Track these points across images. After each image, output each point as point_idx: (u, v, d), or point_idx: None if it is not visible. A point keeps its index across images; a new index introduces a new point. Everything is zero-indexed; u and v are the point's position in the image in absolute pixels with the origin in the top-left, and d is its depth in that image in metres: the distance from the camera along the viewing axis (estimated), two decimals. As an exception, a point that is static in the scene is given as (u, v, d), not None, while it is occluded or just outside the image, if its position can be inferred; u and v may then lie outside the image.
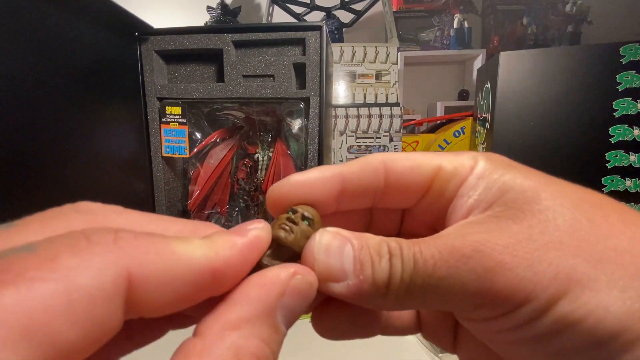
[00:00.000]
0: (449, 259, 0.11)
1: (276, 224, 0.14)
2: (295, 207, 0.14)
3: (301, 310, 0.12)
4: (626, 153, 0.55)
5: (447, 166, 0.14)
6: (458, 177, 0.14)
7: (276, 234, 0.13)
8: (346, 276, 0.12)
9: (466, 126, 0.82)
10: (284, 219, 0.14)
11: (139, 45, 0.50)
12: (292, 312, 0.11)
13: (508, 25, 1.18)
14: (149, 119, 0.52)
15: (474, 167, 0.14)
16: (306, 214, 0.14)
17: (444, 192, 0.14)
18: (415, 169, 0.15)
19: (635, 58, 0.53)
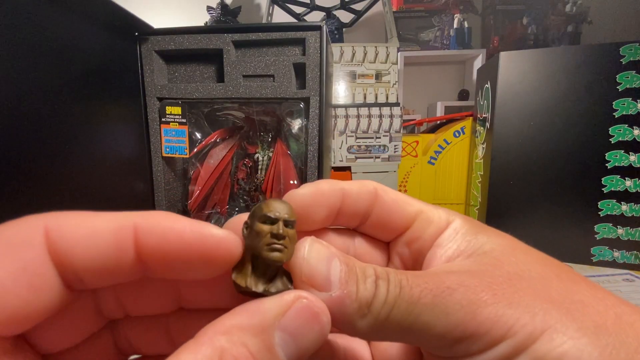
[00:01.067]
0: (434, 289, 0.12)
1: (260, 242, 0.12)
2: (271, 215, 0.13)
3: (307, 342, 0.11)
4: (626, 153, 0.55)
5: (428, 213, 0.16)
6: (435, 227, 0.15)
7: (270, 257, 0.12)
8: (330, 287, 0.12)
9: (466, 126, 0.82)
10: (267, 236, 0.12)
11: (139, 45, 0.50)
12: (295, 340, 0.11)
13: (508, 25, 1.18)
14: (149, 119, 0.52)
15: (451, 222, 0.15)
16: (287, 218, 0.13)
17: (422, 235, 0.15)
18: (402, 205, 0.16)
19: (635, 58, 0.53)
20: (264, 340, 0.10)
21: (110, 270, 0.11)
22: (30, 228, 0.10)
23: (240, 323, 0.10)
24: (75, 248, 0.10)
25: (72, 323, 0.13)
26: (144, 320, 0.14)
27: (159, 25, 0.50)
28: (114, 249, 0.11)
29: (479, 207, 0.71)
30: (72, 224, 0.11)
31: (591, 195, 0.56)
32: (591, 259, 0.57)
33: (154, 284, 0.14)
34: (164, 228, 0.11)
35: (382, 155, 0.79)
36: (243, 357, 0.10)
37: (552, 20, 1.17)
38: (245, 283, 0.12)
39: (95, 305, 0.13)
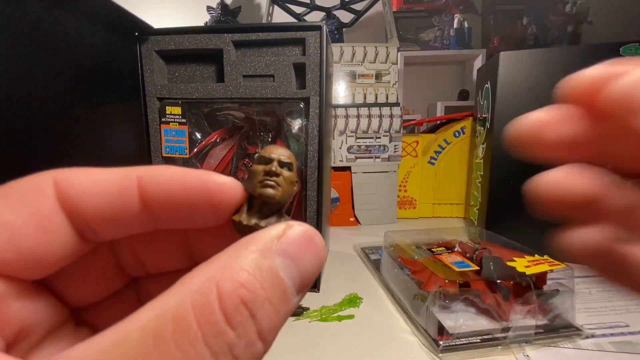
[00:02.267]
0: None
1: (254, 180, 0.13)
2: (267, 155, 0.13)
3: (307, 264, 0.11)
4: (626, 153, 0.55)
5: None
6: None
7: (262, 192, 0.12)
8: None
9: (466, 126, 0.82)
10: (261, 174, 0.13)
11: (139, 45, 0.50)
12: (296, 264, 0.10)
13: (508, 25, 1.18)
14: (149, 119, 0.52)
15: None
16: (283, 159, 0.13)
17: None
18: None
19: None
20: (265, 264, 0.10)
21: (118, 218, 0.11)
22: (40, 180, 0.11)
23: (237, 252, 0.10)
24: (83, 197, 0.11)
25: (95, 277, 0.13)
26: (164, 277, 0.15)
27: (159, 25, 0.50)
28: (120, 197, 0.11)
29: (479, 207, 0.71)
30: (79, 176, 0.11)
31: (591, 195, 0.56)
32: (591, 259, 0.57)
33: (166, 238, 0.14)
34: (165, 176, 0.12)
35: (382, 155, 0.79)
36: (246, 281, 0.09)
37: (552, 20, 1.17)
38: (240, 218, 0.12)
39: (116, 260, 0.14)
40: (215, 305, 0.09)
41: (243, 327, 0.09)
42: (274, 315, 0.09)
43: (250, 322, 0.09)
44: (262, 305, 0.09)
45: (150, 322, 0.08)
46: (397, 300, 0.45)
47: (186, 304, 0.08)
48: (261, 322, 0.09)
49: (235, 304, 0.09)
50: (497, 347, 0.35)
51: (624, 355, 0.34)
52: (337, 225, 0.82)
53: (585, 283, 0.50)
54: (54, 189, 0.11)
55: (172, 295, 0.09)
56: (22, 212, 0.10)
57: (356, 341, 0.38)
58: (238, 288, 0.09)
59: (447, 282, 0.37)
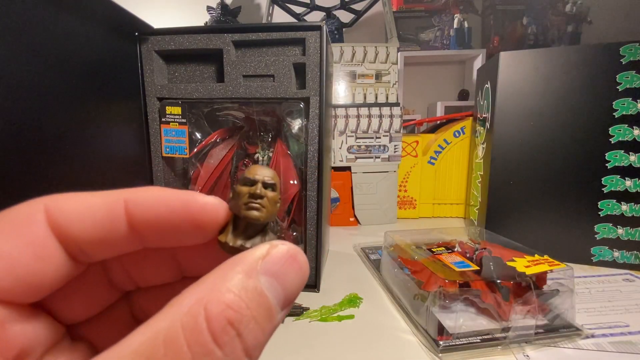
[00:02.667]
0: None
1: (239, 202, 0.13)
2: (251, 177, 0.13)
3: (291, 282, 0.11)
4: (626, 153, 0.55)
5: None
6: None
7: (247, 214, 0.13)
8: None
9: (466, 126, 0.82)
10: (246, 196, 0.13)
11: (139, 45, 0.50)
12: (280, 282, 0.11)
13: (508, 25, 1.18)
14: (149, 119, 0.52)
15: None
16: (267, 180, 0.13)
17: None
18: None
19: (635, 58, 0.53)
20: (250, 284, 0.10)
21: (107, 240, 0.12)
22: (32, 208, 0.11)
23: (224, 274, 0.10)
24: (73, 222, 0.11)
25: (88, 294, 0.14)
26: (154, 290, 0.15)
27: (159, 25, 0.50)
28: (108, 221, 0.12)
29: (479, 207, 0.71)
30: (68, 202, 0.12)
31: (591, 195, 0.56)
32: (591, 259, 0.57)
33: (155, 255, 0.14)
34: (151, 198, 0.12)
35: (382, 155, 0.79)
36: (232, 302, 0.10)
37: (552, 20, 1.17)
38: (225, 239, 0.13)
39: (107, 277, 0.14)
40: (204, 326, 0.09)
41: (230, 346, 0.09)
42: (260, 333, 0.10)
43: (237, 341, 0.09)
44: (247, 324, 0.10)
45: (143, 345, 0.09)
46: (397, 300, 0.45)
47: (176, 326, 0.09)
48: (247, 340, 0.10)
49: (222, 325, 0.09)
50: (497, 347, 0.35)
51: (624, 355, 0.34)
52: (337, 225, 0.82)
53: (585, 283, 0.50)
54: (45, 217, 0.11)
55: (162, 317, 0.09)
56: (17, 242, 0.11)
57: (356, 341, 0.38)
58: (225, 309, 0.09)
59: (447, 282, 0.37)
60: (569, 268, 0.39)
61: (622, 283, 0.50)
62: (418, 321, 0.39)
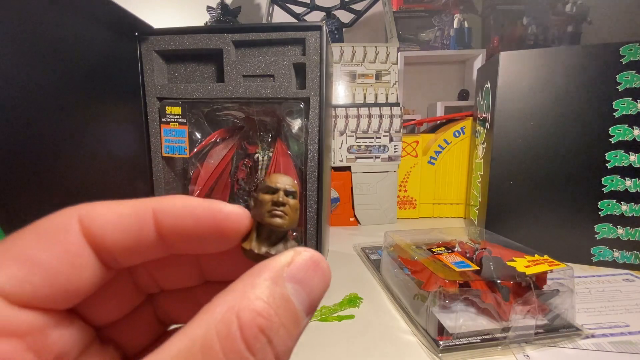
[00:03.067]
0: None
1: (262, 209, 0.14)
2: (273, 185, 0.14)
3: (315, 288, 0.12)
4: (626, 153, 0.54)
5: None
6: None
7: (272, 222, 0.13)
8: None
9: (466, 126, 0.82)
10: (269, 204, 0.14)
11: (139, 45, 0.50)
12: (305, 288, 0.11)
13: (508, 25, 1.18)
14: (149, 119, 0.52)
15: None
16: (289, 188, 0.14)
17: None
18: None
19: (635, 58, 0.53)
20: (277, 292, 0.11)
21: (136, 248, 0.13)
22: (66, 217, 0.12)
23: (252, 282, 0.11)
24: (106, 231, 0.12)
25: (116, 298, 0.15)
26: (177, 293, 0.16)
27: (159, 25, 0.50)
28: (137, 229, 0.12)
29: (479, 207, 0.71)
30: (100, 211, 0.12)
31: (591, 195, 0.56)
32: (591, 259, 0.57)
33: (179, 260, 0.15)
34: (178, 207, 0.13)
35: (382, 155, 0.79)
36: (262, 310, 0.10)
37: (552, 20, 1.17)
38: (250, 246, 0.13)
39: (133, 282, 0.15)
40: (237, 334, 0.10)
41: (262, 352, 0.10)
42: (288, 338, 0.10)
43: (268, 348, 0.10)
44: (277, 331, 0.10)
45: (182, 352, 0.09)
46: (397, 300, 0.45)
47: (212, 334, 0.10)
48: (277, 347, 0.10)
49: (254, 332, 0.10)
50: (497, 347, 0.35)
51: (624, 355, 0.34)
52: (337, 225, 0.82)
53: (585, 283, 0.50)
54: (79, 226, 0.12)
55: (197, 325, 0.10)
56: (54, 251, 0.11)
57: (356, 341, 0.38)
58: (256, 317, 0.10)
59: (447, 282, 0.37)
60: (569, 268, 0.39)
61: (622, 283, 0.50)
62: (418, 321, 0.39)
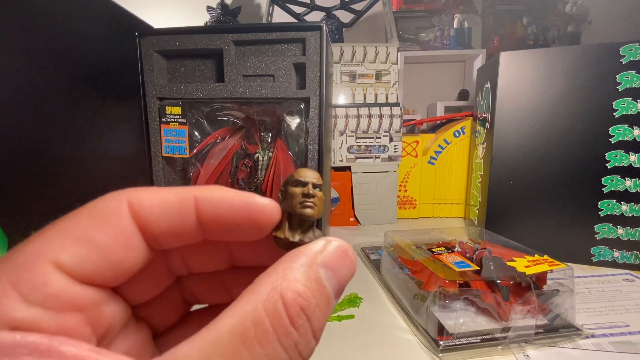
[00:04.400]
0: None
1: (293, 201, 0.15)
2: (302, 179, 0.15)
3: (343, 274, 0.13)
4: (626, 153, 0.54)
5: None
6: None
7: (303, 212, 0.15)
8: None
9: (466, 126, 0.82)
10: (300, 196, 0.15)
11: (139, 45, 0.50)
12: (335, 274, 0.12)
13: (508, 25, 1.18)
14: (149, 119, 0.52)
15: None
16: (316, 182, 0.15)
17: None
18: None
19: (635, 58, 0.53)
20: (313, 275, 0.12)
21: (177, 232, 0.14)
22: (117, 201, 0.13)
23: (291, 265, 0.12)
24: (152, 215, 0.13)
25: (152, 279, 0.16)
26: (205, 276, 0.17)
27: (159, 25, 0.50)
28: (180, 215, 0.13)
29: (479, 207, 0.71)
30: (147, 196, 0.13)
31: (591, 195, 0.56)
32: (591, 259, 0.57)
33: (211, 246, 0.16)
34: (217, 197, 0.14)
35: (382, 155, 0.79)
36: (302, 291, 0.11)
37: (552, 20, 1.17)
38: (284, 235, 0.15)
39: (166, 264, 0.16)
40: (282, 311, 0.11)
41: (303, 328, 0.11)
42: (322, 317, 0.12)
43: (307, 325, 0.11)
44: (314, 310, 0.11)
45: (235, 326, 0.10)
46: (397, 300, 0.45)
47: (260, 310, 0.11)
48: (314, 324, 0.11)
49: (296, 310, 0.11)
50: (497, 347, 0.35)
51: (624, 355, 0.34)
52: (337, 225, 0.82)
53: (585, 283, 0.50)
54: (129, 210, 0.13)
55: (245, 303, 0.11)
56: (109, 233, 0.12)
57: (356, 341, 0.38)
58: (297, 297, 0.11)
59: (447, 282, 0.37)
60: (569, 268, 0.39)
61: (622, 283, 0.50)
62: (418, 321, 0.39)
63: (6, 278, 0.10)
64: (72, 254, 0.11)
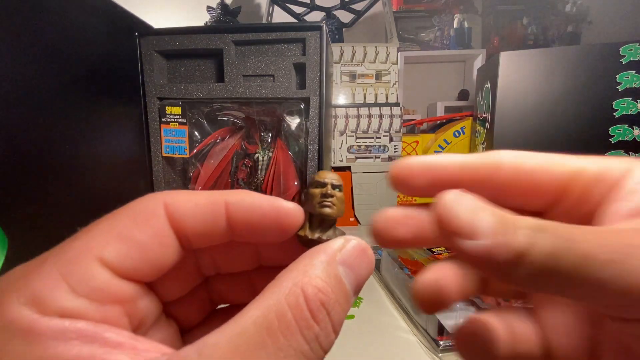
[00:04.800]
0: (616, 245, 0.10)
1: (313, 202, 0.16)
2: (321, 180, 0.16)
3: (361, 271, 0.13)
4: (626, 153, 0.55)
5: (591, 169, 0.14)
6: (606, 182, 0.13)
7: (322, 211, 0.15)
8: (479, 235, 0.11)
9: (466, 126, 0.83)
10: (319, 196, 0.16)
11: (139, 45, 0.50)
12: (353, 271, 0.13)
13: (508, 25, 1.18)
14: (149, 119, 0.52)
15: (631, 171, 0.13)
16: (335, 182, 0.16)
17: (588, 196, 0.14)
18: (547, 169, 0.14)
19: (635, 58, 0.53)
20: (332, 273, 0.12)
21: (208, 234, 0.15)
22: (155, 203, 0.14)
23: (311, 262, 0.13)
24: (185, 217, 0.14)
25: (182, 277, 0.17)
26: (231, 276, 0.18)
27: (159, 25, 0.50)
28: (211, 217, 0.14)
29: (479, 207, 0.71)
30: (182, 199, 0.14)
31: (591, 195, 0.56)
32: (591, 259, 0.57)
33: (239, 247, 0.17)
34: (246, 202, 0.15)
35: (382, 155, 0.79)
36: (322, 287, 0.12)
37: (552, 20, 1.17)
38: (304, 233, 0.15)
39: (197, 264, 0.17)
40: (304, 305, 0.11)
41: (323, 322, 0.12)
42: (341, 312, 0.12)
43: (327, 319, 0.12)
44: (334, 305, 0.12)
45: (260, 318, 0.11)
46: (397, 300, 0.45)
47: (283, 304, 0.11)
48: (334, 318, 0.12)
49: (317, 305, 0.11)
50: (497, 347, 0.35)
51: (623, 355, 0.34)
52: (337, 225, 0.82)
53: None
54: (165, 211, 0.14)
55: (269, 296, 0.12)
56: (147, 232, 0.13)
57: (356, 341, 0.38)
58: (317, 293, 0.12)
59: (447, 282, 0.37)
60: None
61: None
62: (418, 321, 0.39)
63: (58, 271, 0.12)
64: (114, 251, 0.12)
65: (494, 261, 0.11)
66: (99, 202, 0.41)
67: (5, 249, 0.29)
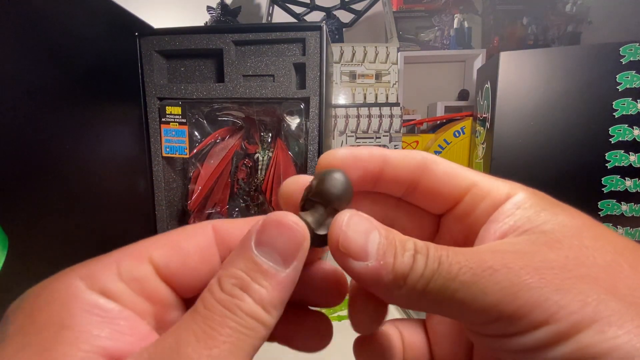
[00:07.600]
0: (475, 268, 0.11)
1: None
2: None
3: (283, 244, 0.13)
4: (626, 153, 0.55)
5: (482, 185, 0.15)
6: (491, 200, 0.14)
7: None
8: (367, 257, 0.12)
9: (466, 126, 0.83)
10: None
11: (139, 45, 0.50)
12: (273, 247, 0.13)
13: (508, 25, 1.18)
14: (149, 119, 0.52)
15: (512, 195, 0.14)
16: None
17: (474, 210, 0.15)
18: (454, 176, 0.15)
19: (635, 58, 0.53)
20: (247, 258, 0.13)
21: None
22: (205, 224, 0.15)
23: (230, 256, 0.13)
24: (228, 238, 0.15)
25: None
26: None
27: (159, 25, 0.50)
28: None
29: (479, 207, 0.71)
30: (227, 225, 0.16)
31: (591, 195, 0.56)
32: (591, 259, 0.57)
33: None
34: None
35: (382, 155, 0.79)
36: (238, 276, 0.12)
37: (552, 20, 1.17)
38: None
39: None
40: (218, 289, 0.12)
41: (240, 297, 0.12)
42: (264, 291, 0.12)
43: (246, 297, 0.12)
44: (250, 285, 0.12)
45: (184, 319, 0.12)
46: (397, 300, 0.45)
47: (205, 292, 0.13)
48: (255, 296, 0.12)
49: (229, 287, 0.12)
50: (497, 347, 0.35)
51: (623, 355, 0.34)
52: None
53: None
54: (213, 232, 0.15)
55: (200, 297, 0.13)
56: (192, 243, 0.15)
57: (353, 340, 0.38)
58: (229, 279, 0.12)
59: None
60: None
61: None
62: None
63: (116, 258, 0.14)
64: (161, 253, 0.14)
65: (380, 282, 0.12)
66: (99, 201, 0.41)
67: (5, 249, 0.29)
